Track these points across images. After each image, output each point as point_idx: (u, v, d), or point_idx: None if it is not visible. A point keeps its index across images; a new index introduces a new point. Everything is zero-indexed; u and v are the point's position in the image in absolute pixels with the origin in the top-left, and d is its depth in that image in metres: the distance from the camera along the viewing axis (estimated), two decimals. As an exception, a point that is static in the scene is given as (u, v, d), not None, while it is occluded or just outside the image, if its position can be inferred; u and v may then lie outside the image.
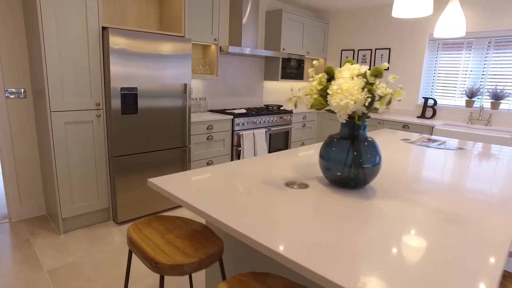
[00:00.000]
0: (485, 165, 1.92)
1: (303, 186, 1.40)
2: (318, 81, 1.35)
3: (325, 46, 5.30)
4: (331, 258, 0.84)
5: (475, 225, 1.07)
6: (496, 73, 3.97)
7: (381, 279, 0.76)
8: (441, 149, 2.31)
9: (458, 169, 1.80)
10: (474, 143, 2.61)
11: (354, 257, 0.85)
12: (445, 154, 2.17)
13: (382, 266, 0.81)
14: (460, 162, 1.95)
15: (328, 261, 0.83)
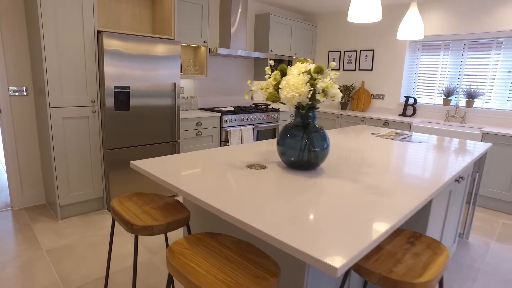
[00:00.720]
0: (428, 154, 2.15)
1: (262, 168, 1.64)
2: (273, 77, 1.59)
3: (313, 47, 5.54)
4: (273, 219, 1.08)
5: (390, 196, 1.31)
6: (470, 74, 4.19)
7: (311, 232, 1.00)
8: (403, 142, 2.54)
9: (404, 156, 2.04)
10: (442, 138, 2.83)
11: (297, 220, 1.09)
12: (403, 145, 2.40)
13: (313, 223, 1.05)
14: (409, 152, 2.19)
15: (269, 221, 1.07)
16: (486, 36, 4.03)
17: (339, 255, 0.85)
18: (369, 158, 1.93)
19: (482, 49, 4.09)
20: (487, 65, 4.07)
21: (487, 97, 4.11)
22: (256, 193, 1.26)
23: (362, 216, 1.10)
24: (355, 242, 0.92)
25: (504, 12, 3.82)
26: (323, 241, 0.92)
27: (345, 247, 0.89)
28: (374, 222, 1.05)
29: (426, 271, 1.10)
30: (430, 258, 1.19)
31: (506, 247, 2.84)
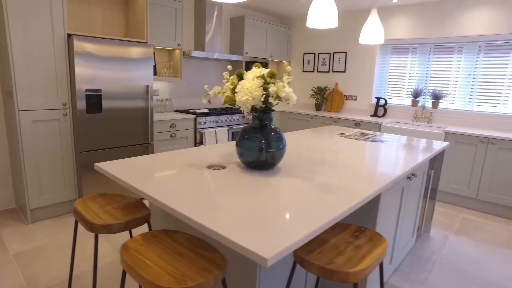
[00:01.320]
0: (385, 153, 2.27)
1: (221, 168, 1.72)
2: (231, 82, 1.67)
3: (288, 50, 5.65)
4: (221, 216, 1.15)
5: (336, 193, 1.41)
6: (436, 76, 4.39)
7: (260, 229, 1.08)
8: (366, 141, 2.66)
9: (362, 156, 2.15)
10: (403, 138, 2.98)
11: (243, 215, 1.17)
12: (365, 145, 2.52)
13: (258, 219, 1.13)
14: (369, 151, 2.31)
15: (216, 217, 1.14)
16: (448, 41, 4.23)
17: (271, 247, 0.93)
18: (328, 157, 2.03)
19: (446, 53, 4.29)
20: (450, 68, 4.28)
21: (451, 98, 4.32)
22: (210, 192, 1.34)
23: (306, 212, 1.18)
24: (289, 236, 1.01)
25: (464, 18, 4.03)
26: (261, 235, 1.00)
27: (278, 240, 0.97)
28: (313, 217, 1.14)
29: (362, 262, 1.19)
30: (369, 250, 1.29)
31: (463, 239, 3.01)
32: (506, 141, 3.48)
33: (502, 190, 3.56)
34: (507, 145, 3.49)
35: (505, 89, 3.96)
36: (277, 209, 1.19)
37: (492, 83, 4.03)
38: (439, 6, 4.20)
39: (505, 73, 3.93)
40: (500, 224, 3.41)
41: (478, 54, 4.07)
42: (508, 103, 3.97)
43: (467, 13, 4.02)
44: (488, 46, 4.00)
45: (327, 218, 1.14)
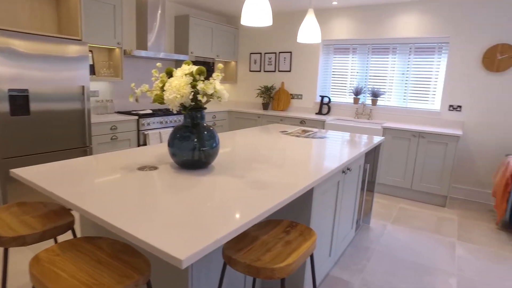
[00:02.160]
0: (323, 150, 2.35)
1: (153, 169, 1.65)
2: (160, 80, 1.62)
3: (235, 50, 5.65)
4: (142, 218, 1.10)
5: (267, 189, 1.42)
6: (374, 75, 4.64)
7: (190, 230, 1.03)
8: (306, 138, 2.73)
9: (299, 152, 2.20)
10: (343, 134, 3.09)
11: (167, 216, 1.12)
12: (305, 142, 2.58)
13: (181, 219, 1.09)
14: (307, 148, 2.37)
15: (137, 219, 1.08)
16: (384, 42, 4.49)
17: (188, 248, 0.91)
18: (266, 155, 2.05)
19: (382, 53, 4.55)
20: (386, 67, 4.55)
21: (388, 96, 4.59)
22: (138, 194, 1.28)
23: (234, 209, 1.17)
24: (210, 235, 0.99)
25: (396, 22, 4.31)
26: (185, 235, 0.97)
27: (199, 240, 0.95)
28: (240, 214, 1.13)
29: (289, 257, 1.21)
30: (298, 244, 1.31)
31: (399, 228, 3.21)
32: (434, 135, 3.78)
33: (431, 179, 3.85)
34: (435, 139, 3.78)
35: (432, 88, 4.29)
36: (206, 208, 1.17)
37: (422, 82, 4.34)
38: (375, 10, 4.44)
39: (431, 73, 4.26)
40: (430, 211, 3.69)
41: (409, 55, 4.37)
42: (435, 100, 4.30)
43: (398, 17, 4.29)
44: (417, 48, 4.31)
45: (253, 214, 1.13)
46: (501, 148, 3.93)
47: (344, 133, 3.15)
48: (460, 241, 3.01)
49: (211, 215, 1.12)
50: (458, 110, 4.12)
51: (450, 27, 4.02)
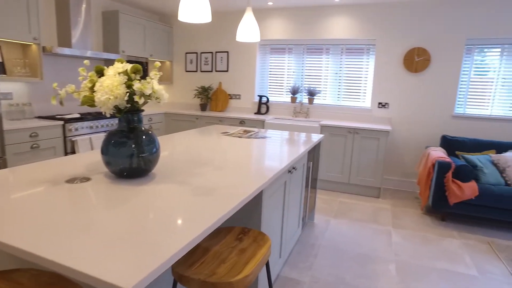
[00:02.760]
0: (267, 150, 2.33)
1: (85, 180, 1.45)
2: (89, 79, 1.42)
3: (170, 49, 5.41)
4: (83, 243, 0.92)
5: (214, 195, 1.32)
6: (310, 74, 4.79)
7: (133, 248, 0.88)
8: (249, 139, 2.68)
9: (243, 154, 2.14)
10: (284, 133, 3.11)
11: (101, 236, 0.96)
12: (247, 142, 2.53)
13: (118, 238, 0.94)
14: (251, 149, 2.32)
15: (76, 246, 0.91)
16: (318, 42, 4.66)
17: (134, 273, 0.78)
18: (209, 157, 1.95)
19: (317, 53, 4.72)
20: (321, 67, 4.73)
21: (324, 95, 4.78)
22: (67, 212, 1.09)
23: (181, 221, 1.06)
24: (158, 255, 0.87)
25: (329, 24, 4.50)
26: (125, 258, 0.84)
27: (144, 262, 0.83)
28: (189, 227, 1.03)
29: (246, 267, 1.14)
30: (254, 252, 1.25)
31: (341, 221, 3.34)
32: (367, 131, 4.02)
33: (366, 173, 4.10)
34: (368, 134, 4.02)
35: (363, 86, 4.57)
36: (150, 222, 1.04)
37: (354, 81, 4.60)
38: (308, 11, 4.58)
39: (362, 72, 4.54)
40: (366, 203, 3.91)
41: (341, 55, 4.60)
42: (366, 98, 4.59)
43: (330, 19, 4.48)
44: (348, 48, 4.55)
45: (205, 224, 1.04)
46: (422, 141, 4.33)
47: (285, 132, 3.18)
48: (394, 229, 3.23)
49: (157, 230, 1.00)
50: (386, 107, 4.44)
51: (376, 30, 4.32)
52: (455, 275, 2.48)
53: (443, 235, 3.16)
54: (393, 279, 2.39)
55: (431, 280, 2.40)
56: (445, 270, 2.54)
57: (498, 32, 3.86)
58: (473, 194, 3.23)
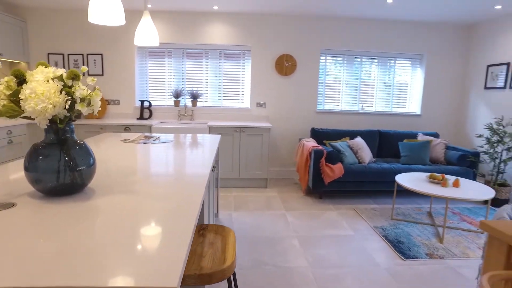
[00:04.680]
0: (182, 153, 2.39)
1: (7, 207, 1.24)
2: (5, 85, 1.22)
3: (25, 48, 4.58)
4: (45, 262, 0.83)
5: (170, 199, 1.36)
6: (191, 78, 4.90)
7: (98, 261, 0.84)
8: (154, 144, 2.64)
9: (162, 158, 2.15)
10: (185, 135, 3.15)
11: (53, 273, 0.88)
12: (155, 147, 2.51)
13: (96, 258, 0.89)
14: (165, 153, 2.33)
15: (42, 265, 0.81)
16: (198, 47, 4.82)
17: (167, 273, 0.81)
18: (131, 166, 1.88)
19: (197, 58, 4.87)
20: (201, 70, 4.90)
21: (206, 97, 4.97)
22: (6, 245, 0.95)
23: (159, 227, 1.08)
24: (173, 255, 0.90)
25: (207, 30, 4.71)
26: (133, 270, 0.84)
27: (167, 263, 0.85)
28: (176, 229, 1.06)
29: (227, 255, 1.24)
30: (224, 242, 1.35)
31: (242, 213, 3.63)
32: (252, 128, 4.43)
33: (254, 166, 4.52)
34: (252, 132, 4.44)
35: (241, 88, 4.99)
36: (107, 245, 1.01)
37: (233, 83, 4.96)
38: (188, 16, 4.67)
39: (239, 75, 4.95)
40: (258, 193, 4.33)
41: (220, 60, 4.88)
42: (244, 98, 5.02)
43: (209, 25, 4.70)
44: (226, 53, 4.88)
45: (188, 226, 1.08)
46: (295, 134, 5.05)
47: (184, 135, 3.23)
48: (287, 211, 3.72)
49: (121, 252, 1.00)
50: (263, 107, 4.97)
51: (251, 37, 4.78)
52: (339, 237, 3.09)
53: (323, 209, 3.83)
54: (299, 250, 2.81)
55: (325, 244, 2.93)
56: (332, 235, 3.13)
57: (340, 44, 4.88)
58: (341, 173, 4.03)
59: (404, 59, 5.14)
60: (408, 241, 3.07)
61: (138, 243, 0.94)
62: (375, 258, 2.74)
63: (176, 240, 0.96)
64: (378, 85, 5.17)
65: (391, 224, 3.44)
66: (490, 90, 4.67)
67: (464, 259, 2.76)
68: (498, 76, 4.51)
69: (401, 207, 3.98)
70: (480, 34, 4.85)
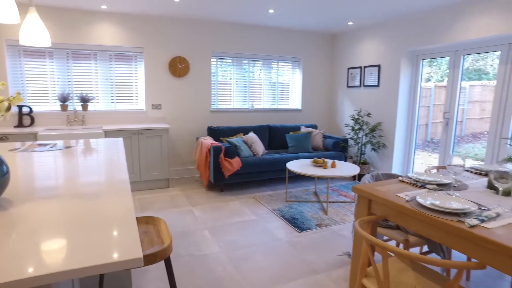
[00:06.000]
0: (90, 157, 2.38)
1: None
2: None
3: None
4: None
5: (104, 200, 1.45)
6: (79, 80, 4.59)
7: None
8: (55, 151, 2.51)
9: (76, 166, 2.13)
10: (77, 141, 3.03)
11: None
12: (60, 154, 2.41)
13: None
14: (74, 157, 2.28)
15: None
16: (85, 48, 4.53)
17: (132, 249, 0.96)
18: (46, 175, 1.83)
19: (84, 59, 4.58)
20: (90, 72, 4.64)
21: (97, 101, 4.73)
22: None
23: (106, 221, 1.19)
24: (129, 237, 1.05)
25: (95, 30, 4.48)
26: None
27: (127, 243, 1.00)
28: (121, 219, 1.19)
29: (163, 238, 1.40)
30: (156, 229, 1.50)
31: (148, 214, 3.66)
32: (150, 130, 4.45)
33: (155, 168, 4.55)
34: (151, 133, 4.46)
35: (135, 90, 4.91)
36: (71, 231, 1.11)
37: (126, 86, 4.85)
38: (73, 14, 4.34)
39: (132, 78, 4.87)
40: (161, 194, 4.39)
41: (110, 62, 4.71)
42: (139, 101, 4.97)
43: (97, 25, 4.48)
44: (117, 55, 4.73)
45: (133, 228, 1.23)
46: (193, 133, 5.25)
47: (82, 140, 3.10)
48: (193, 207, 3.92)
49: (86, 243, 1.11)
50: (159, 108, 5.01)
51: (143, 39, 4.75)
52: (244, 222, 3.46)
53: (226, 201, 4.16)
54: (210, 239, 3.06)
55: (233, 230, 3.26)
56: (237, 221, 3.48)
57: (230, 47, 5.27)
58: (239, 166, 4.42)
59: (285, 61, 5.86)
60: (301, 217, 3.64)
61: (99, 233, 1.06)
62: (276, 234, 3.19)
63: (126, 227, 1.11)
64: (265, 84, 5.77)
65: (286, 206, 3.99)
66: (351, 88, 5.75)
67: (343, 224, 3.45)
68: (355, 77, 5.60)
69: (292, 191, 4.61)
70: (341, 42, 5.90)
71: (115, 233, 1.07)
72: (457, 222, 1.43)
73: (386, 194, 1.79)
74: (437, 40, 4.17)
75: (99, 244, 0.99)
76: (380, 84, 5.12)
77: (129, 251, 0.95)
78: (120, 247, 0.97)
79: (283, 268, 2.59)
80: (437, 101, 4.96)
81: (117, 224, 1.13)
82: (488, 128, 3.93)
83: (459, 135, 5.34)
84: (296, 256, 2.78)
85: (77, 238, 1.03)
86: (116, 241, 1.01)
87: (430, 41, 4.27)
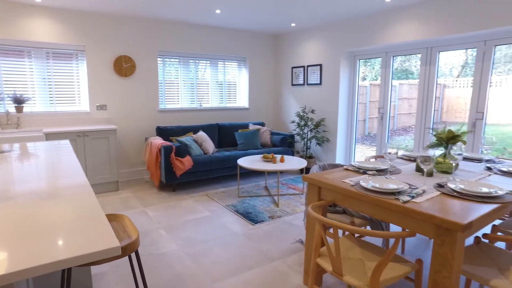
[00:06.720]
0: (28, 162, 2.28)
1: None
2: None
3: None
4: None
5: (65, 202, 1.45)
6: (11, 80, 4.23)
7: None
8: (8, 155, 2.35)
9: (27, 165, 2.03)
10: (11, 145, 2.85)
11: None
12: (14, 159, 2.26)
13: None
14: (28, 163, 2.17)
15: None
16: (17, 44, 4.20)
17: (109, 239, 1.01)
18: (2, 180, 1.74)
19: (16, 57, 4.24)
20: (24, 71, 4.31)
21: (33, 102, 4.41)
22: None
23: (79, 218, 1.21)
24: (103, 230, 1.09)
25: (29, 24, 4.17)
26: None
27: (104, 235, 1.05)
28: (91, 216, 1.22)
29: (129, 232, 1.44)
30: (121, 224, 1.53)
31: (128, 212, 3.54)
32: (96, 131, 4.28)
33: (103, 171, 4.39)
34: (97, 135, 4.29)
35: (77, 90, 4.67)
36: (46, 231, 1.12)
37: (66, 86, 4.59)
38: (0, 6, 4.00)
39: (73, 77, 4.62)
40: (111, 197, 4.26)
41: (48, 60, 4.42)
42: (81, 101, 4.74)
43: (31, 20, 4.16)
44: (55, 53, 4.46)
45: (104, 221, 1.26)
46: (141, 133, 5.14)
47: (17, 144, 2.92)
48: (145, 207, 3.87)
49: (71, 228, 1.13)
50: (104, 109, 4.82)
51: (84, 37, 4.53)
52: (199, 219, 3.52)
53: (179, 199, 4.17)
54: (167, 238, 3.08)
55: (189, 228, 3.30)
56: (192, 219, 3.53)
57: (177, 47, 5.25)
58: (190, 165, 4.44)
59: (231, 61, 5.98)
60: (254, 211, 3.79)
61: (74, 229, 1.08)
62: (232, 228, 3.31)
63: (98, 222, 1.15)
64: (212, 83, 5.84)
65: (239, 201, 4.12)
66: (295, 86, 6.05)
67: (294, 214, 3.68)
68: (299, 75, 5.92)
69: (244, 186, 4.75)
70: (285, 43, 6.18)
71: (90, 228, 1.10)
72: (394, 200, 1.68)
73: (334, 181, 2.01)
74: (371, 42, 4.60)
75: (77, 239, 1.02)
76: (322, 83, 5.47)
77: (106, 242, 1.00)
78: (97, 239, 1.01)
79: (241, 259, 2.71)
80: (372, 98, 5.46)
81: (88, 220, 1.16)
82: (415, 121, 4.45)
83: (392, 129, 5.92)
84: (252, 247, 2.92)
85: (56, 236, 1.05)
86: (92, 234, 1.05)
87: (366, 43, 4.69)
